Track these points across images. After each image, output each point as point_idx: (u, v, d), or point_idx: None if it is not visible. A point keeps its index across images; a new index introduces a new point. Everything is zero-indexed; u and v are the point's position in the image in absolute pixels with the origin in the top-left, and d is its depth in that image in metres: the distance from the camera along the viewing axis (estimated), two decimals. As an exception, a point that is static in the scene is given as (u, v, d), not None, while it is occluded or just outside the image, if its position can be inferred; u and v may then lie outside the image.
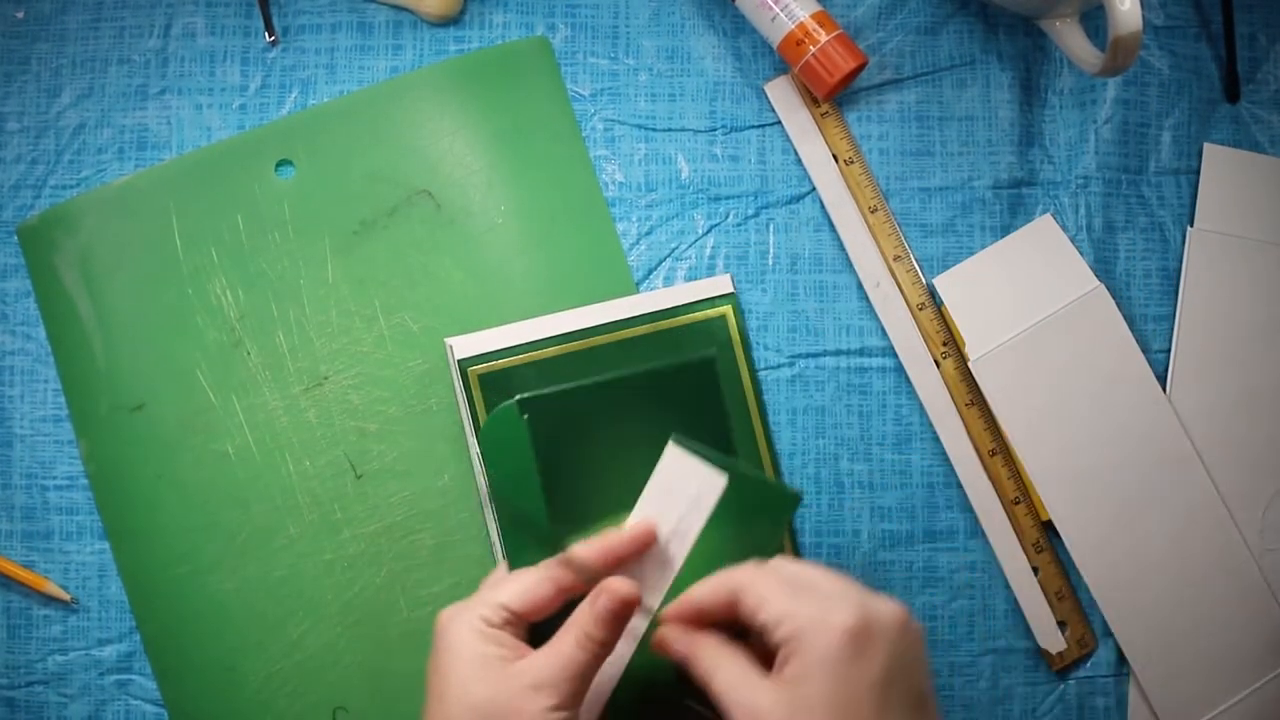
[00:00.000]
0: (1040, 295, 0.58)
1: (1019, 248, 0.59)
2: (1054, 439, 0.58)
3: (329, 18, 0.60)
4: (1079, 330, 0.58)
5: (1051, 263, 0.59)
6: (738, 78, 0.61)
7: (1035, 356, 0.58)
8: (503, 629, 0.45)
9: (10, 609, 0.57)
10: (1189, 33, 0.62)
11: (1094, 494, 0.58)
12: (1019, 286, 0.58)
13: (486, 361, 0.55)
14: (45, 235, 0.58)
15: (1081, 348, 0.58)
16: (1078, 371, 0.58)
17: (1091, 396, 0.58)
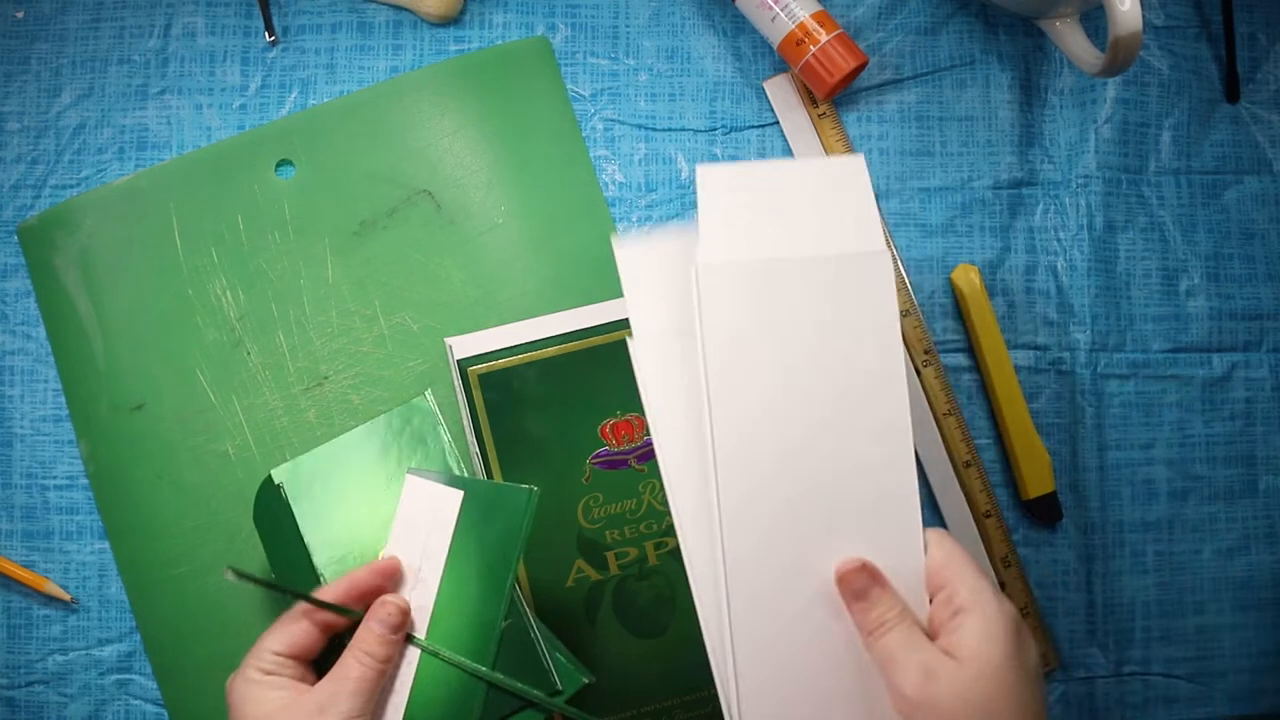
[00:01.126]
0: (815, 232, 0.48)
1: (818, 174, 0.49)
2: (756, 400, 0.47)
3: (329, 18, 0.60)
4: (841, 290, 0.47)
5: (845, 204, 0.48)
6: (738, 78, 0.61)
7: (775, 297, 0.47)
8: (279, 673, 0.47)
9: (10, 609, 0.57)
10: (1189, 33, 0.62)
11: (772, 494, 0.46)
12: (796, 212, 0.48)
13: (486, 361, 0.55)
14: (45, 235, 0.58)
15: (836, 311, 0.47)
16: (819, 337, 0.47)
17: (822, 372, 0.47)
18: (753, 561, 0.46)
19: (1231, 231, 0.62)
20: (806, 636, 0.46)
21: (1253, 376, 0.61)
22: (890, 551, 0.46)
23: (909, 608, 0.45)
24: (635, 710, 0.55)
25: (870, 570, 0.45)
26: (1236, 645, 0.60)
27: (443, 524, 0.51)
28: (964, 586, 0.44)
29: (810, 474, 0.46)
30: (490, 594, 0.51)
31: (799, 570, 0.46)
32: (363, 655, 0.48)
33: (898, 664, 0.43)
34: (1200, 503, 0.61)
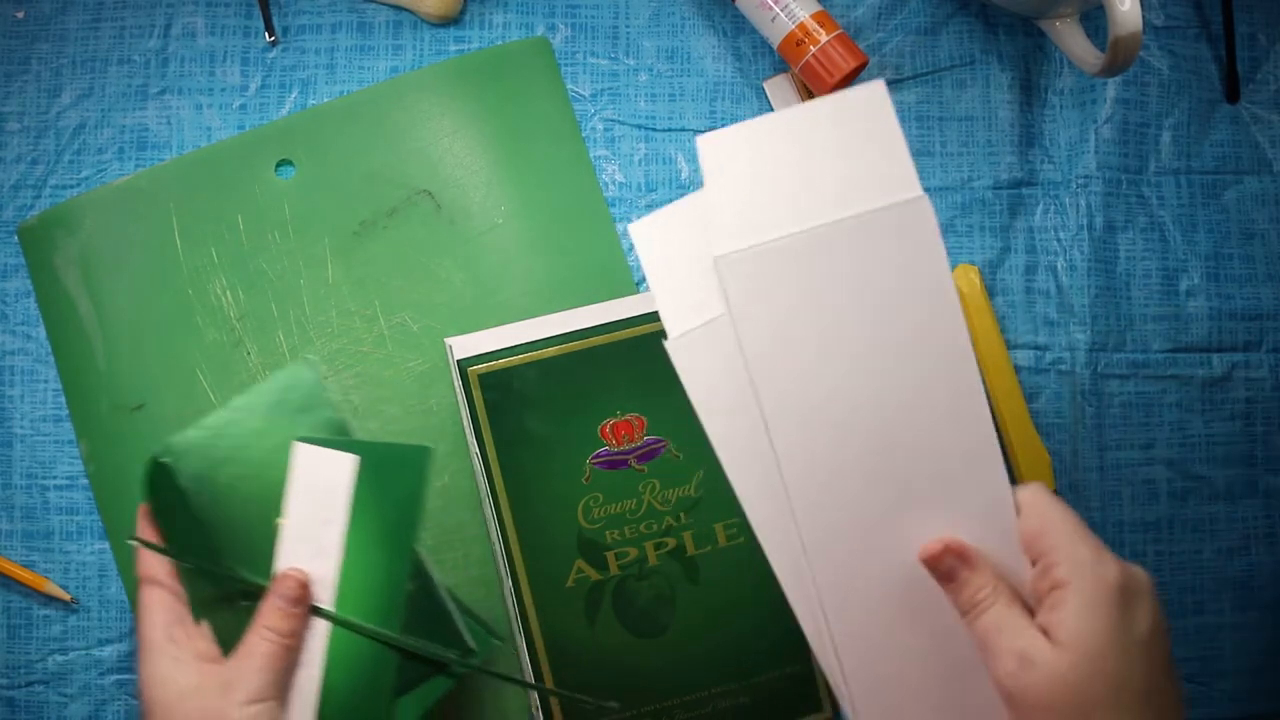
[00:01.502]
0: (838, 189, 0.42)
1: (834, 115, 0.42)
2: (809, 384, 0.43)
3: (329, 18, 0.60)
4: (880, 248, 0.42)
5: (870, 145, 0.42)
6: (738, 78, 0.61)
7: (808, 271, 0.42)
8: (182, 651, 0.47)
9: (10, 609, 0.57)
10: (1189, 33, 0.62)
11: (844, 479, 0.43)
12: (815, 166, 0.42)
13: (486, 361, 0.55)
14: (45, 235, 0.58)
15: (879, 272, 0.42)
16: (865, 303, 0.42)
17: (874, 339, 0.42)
18: (835, 546, 0.43)
19: (1231, 231, 0.62)
20: (905, 616, 0.43)
21: (1253, 376, 0.61)
22: (977, 518, 0.42)
23: (1004, 582, 0.42)
24: (635, 710, 0.55)
25: (955, 549, 0.42)
26: (1237, 645, 0.60)
27: (338, 490, 0.49)
28: (1061, 556, 0.41)
29: (882, 451, 0.43)
30: (395, 558, 0.49)
31: (887, 548, 0.43)
32: (265, 631, 0.47)
33: (993, 648, 0.41)
34: (1200, 503, 0.61)
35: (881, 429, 0.43)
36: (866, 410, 0.42)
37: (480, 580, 0.57)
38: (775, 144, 0.42)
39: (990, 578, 0.42)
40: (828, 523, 0.43)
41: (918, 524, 0.43)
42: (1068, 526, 0.42)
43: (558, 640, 0.55)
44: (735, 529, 0.56)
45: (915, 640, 0.44)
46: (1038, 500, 0.43)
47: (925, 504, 0.43)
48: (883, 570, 0.43)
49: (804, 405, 0.42)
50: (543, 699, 0.54)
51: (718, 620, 0.55)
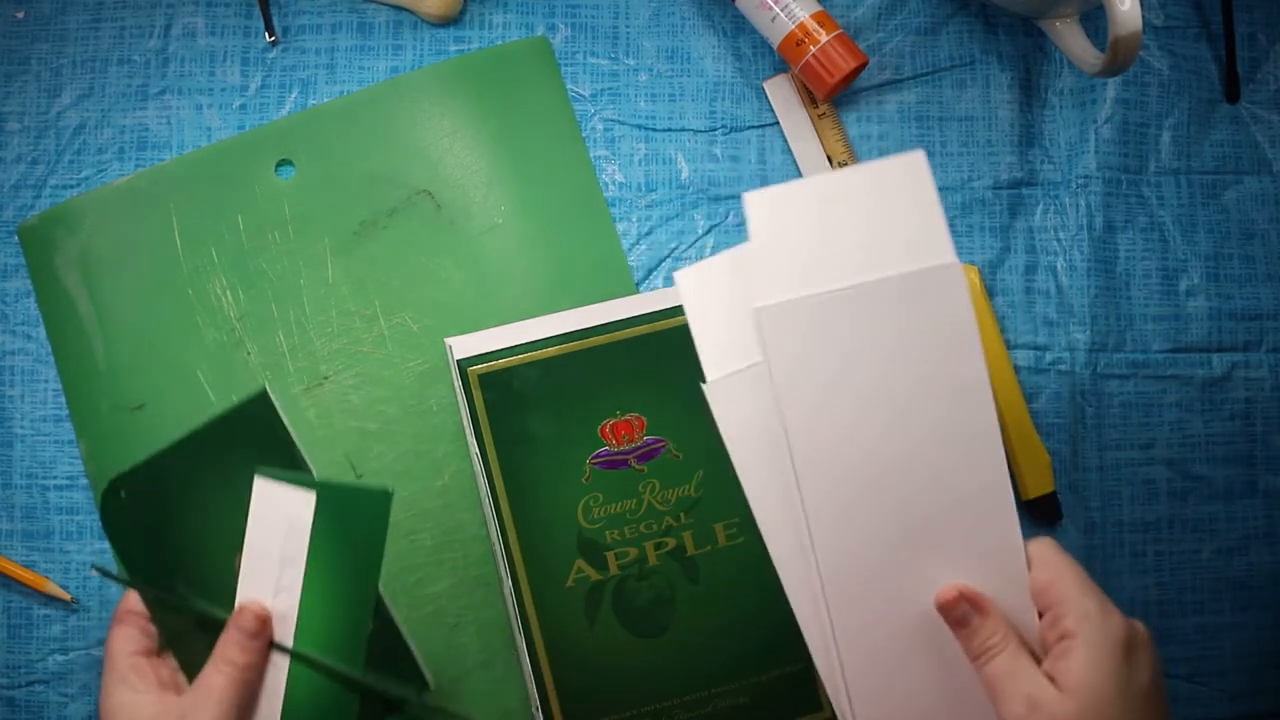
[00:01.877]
0: (875, 250, 0.45)
1: (875, 181, 0.45)
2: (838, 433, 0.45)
3: (329, 18, 0.60)
4: (913, 310, 0.44)
5: (907, 211, 0.45)
6: (738, 78, 0.61)
7: (843, 327, 0.44)
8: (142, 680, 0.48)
9: (11, 609, 0.57)
10: (1189, 33, 0.62)
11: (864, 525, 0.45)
12: (855, 229, 0.45)
13: (486, 361, 0.56)
14: (46, 235, 0.58)
15: (910, 332, 0.45)
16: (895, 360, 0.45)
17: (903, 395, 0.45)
18: (853, 589, 0.45)
19: (1231, 231, 0.62)
20: (916, 658, 0.46)
21: (1252, 376, 0.61)
22: (991, 569, 0.45)
23: (1014, 630, 0.44)
24: (635, 710, 0.55)
25: (969, 597, 0.44)
26: (1236, 645, 0.60)
27: (298, 527, 0.48)
28: (1069, 608, 0.43)
29: (902, 500, 0.45)
30: (356, 598, 0.49)
31: (902, 594, 0.45)
32: (223, 665, 0.47)
33: (1002, 692, 0.43)
34: (1200, 503, 0.61)
35: (904, 479, 0.45)
36: (890, 461, 0.45)
37: (480, 580, 0.57)
38: (818, 204, 0.45)
39: (1001, 625, 0.44)
40: (847, 566, 0.45)
41: (933, 571, 0.45)
42: (1076, 580, 0.44)
43: (558, 640, 0.55)
44: (735, 529, 0.56)
45: (925, 684, 0.46)
46: (1047, 553, 0.45)
47: (941, 553, 0.45)
48: (897, 614, 0.45)
49: (831, 452, 0.45)
50: (542, 699, 0.55)
51: (718, 620, 0.56)
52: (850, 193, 0.45)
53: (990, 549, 0.45)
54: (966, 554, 0.45)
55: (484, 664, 0.57)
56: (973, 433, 0.45)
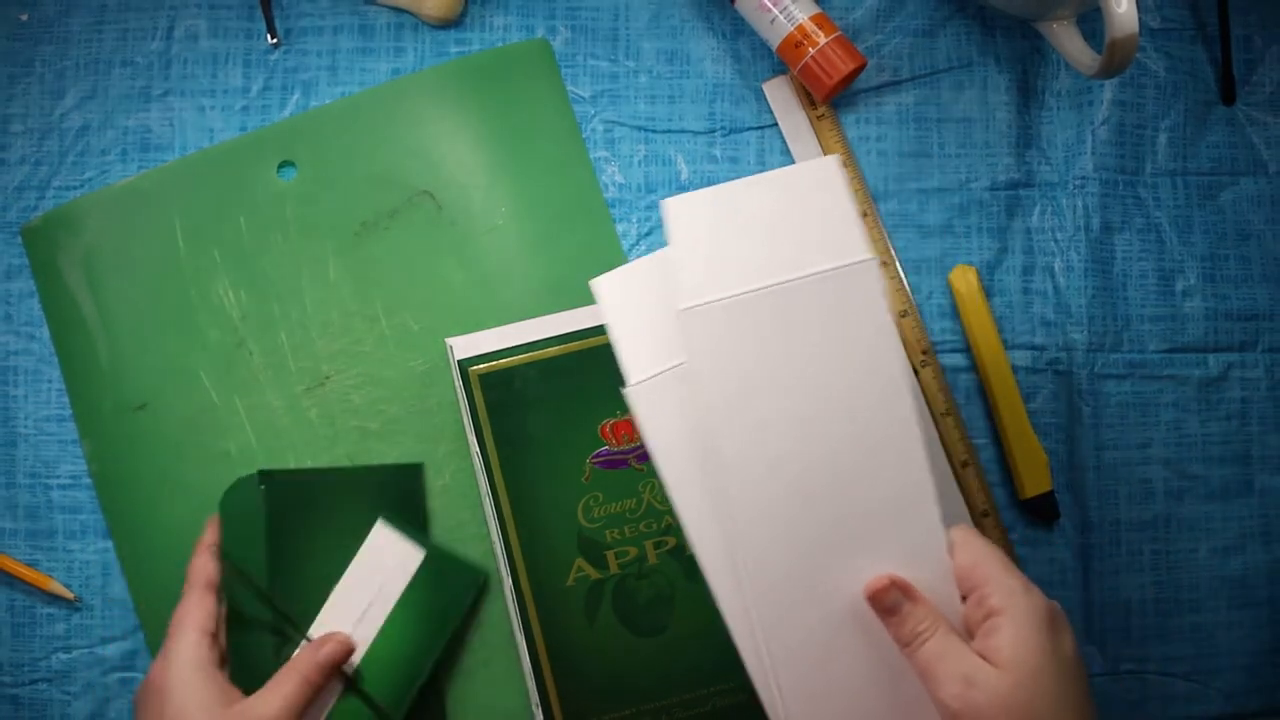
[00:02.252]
0: (793, 251, 0.46)
1: (790, 184, 0.46)
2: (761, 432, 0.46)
3: (331, 20, 0.61)
4: (831, 307, 0.46)
5: (823, 212, 0.46)
6: (737, 80, 0.61)
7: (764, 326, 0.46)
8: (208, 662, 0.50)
9: (14, 607, 0.57)
10: (1185, 35, 0.62)
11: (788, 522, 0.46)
12: (773, 230, 0.46)
13: (487, 361, 0.56)
14: (49, 236, 0.58)
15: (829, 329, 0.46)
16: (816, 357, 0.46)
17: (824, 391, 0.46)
18: (780, 589, 0.46)
19: (1227, 232, 0.62)
20: (846, 653, 0.46)
21: (1248, 376, 0.61)
22: (916, 559, 0.46)
23: (942, 615, 0.45)
24: (635, 709, 0.55)
25: (899, 584, 0.45)
26: (1232, 643, 0.61)
27: (399, 575, 0.55)
28: (995, 588, 0.44)
29: (826, 495, 0.46)
30: (423, 650, 0.55)
31: (829, 591, 0.46)
32: (300, 678, 0.50)
33: (936, 675, 0.43)
34: (1196, 502, 0.61)
35: (827, 475, 0.46)
36: (813, 457, 0.46)
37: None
38: (737, 208, 0.46)
39: (930, 610, 0.45)
40: (772, 564, 0.46)
41: (858, 565, 0.46)
42: (997, 561, 0.45)
43: (558, 639, 0.55)
44: (734, 528, 0.56)
45: (856, 677, 0.46)
46: (968, 539, 0.46)
47: (866, 545, 0.46)
48: (824, 610, 0.46)
49: (755, 450, 0.46)
50: (542, 697, 0.55)
51: (716, 619, 0.55)
52: (768, 196, 0.46)
53: (914, 538, 0.46)
54: (891, 545, 0.46)
55: (484, 662, 0.57)
56: (893, 426, 0.46)
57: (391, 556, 0.55)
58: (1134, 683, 0.60)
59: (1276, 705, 0.61)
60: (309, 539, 0.55)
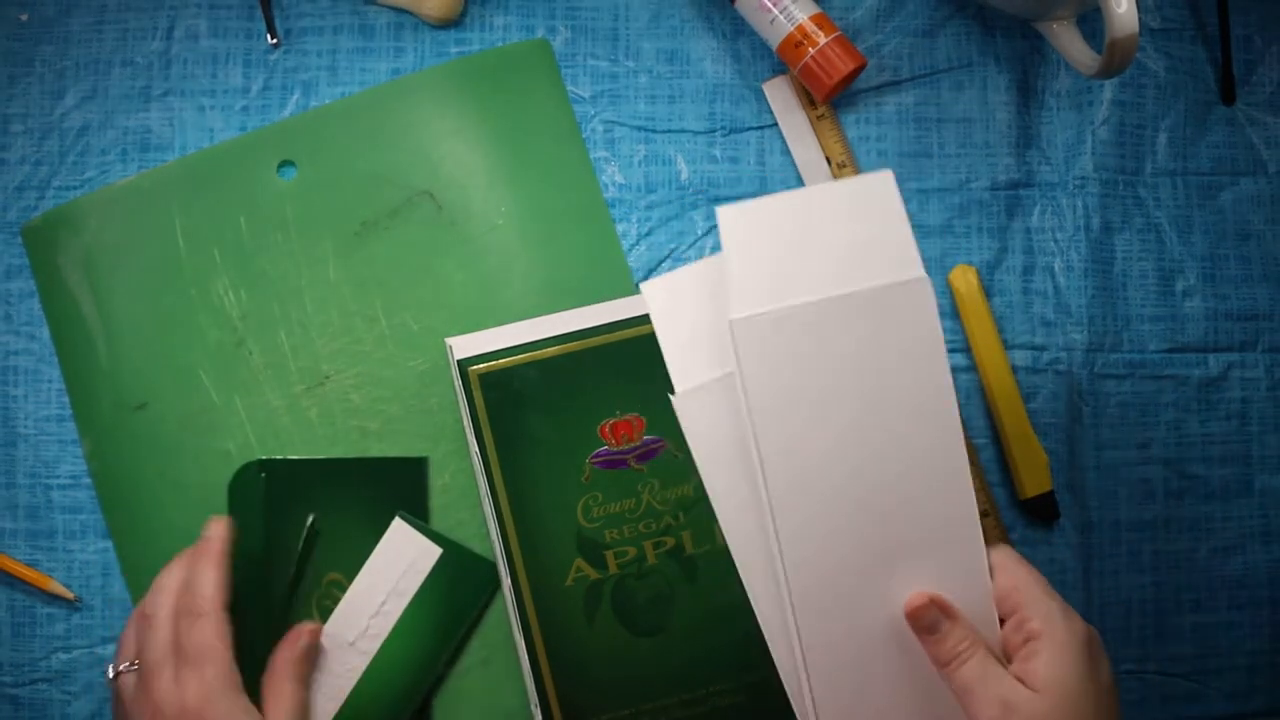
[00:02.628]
0: (846, 265, 0.46)
1: (846, 198, 0.47)
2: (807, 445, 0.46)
3: (331, 20, 0.61)
4: (882, 323, 0.46)
5: (877, 228, 0.46)
6: (737, 79, 0.61)
7: (815, 340, 0.46)
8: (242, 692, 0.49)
9: (14, 607, 0.57)
10: (1185, 35, 0.62)
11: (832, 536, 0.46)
12: (827, 244, 0.46)
13: (486, 361, 0.56)
14: (49, 236, 0.58)
15: (879, 345, 0.46)
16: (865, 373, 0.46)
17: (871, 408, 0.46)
18: (820, 601, 0.46)
19: (1227, 232, 0.62)
20: (883, 670, 0.46)
21: (1248, 376, 0.61)
22: (956, 578, 0.46)
23: (981, 636, 0.45)
24: (634, 709, 0.55)
25: (939, 603, 0.45)
26: (1232, 643, 0.61)
27: (416, 570, 0.56)
28: (1035, 612, 0.44)
29: (869, 510, 0.46)
30: (437, 646, 0.56)
31: (868, 606, 0.46)
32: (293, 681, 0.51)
33: (975, 696, 0.43)
34: (1196, 502, 0.61)
35: (872, 491, 0.46)
36: (860, 472, 0.46)
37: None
38: (791, 219, 0.46)
39: (969, 630, 0.45)
40: (814, 577, 0.46)
41: (899, 582, 0.46)
42: (1038, 584, 0.45)
43: (557, 639, 0.55)
44: (734, 528, 0.56)
45: (891, 695, 0.46)
46: (1008, 561, 0.46)
47: (907, 563, 0.46)
48: (863, 626, 0.46)
49: (800, 463, 0.45)
50: (541, 697, 0.55)
51: (716, 619, 0.56)
52: (822, 209, 0.46)
53: (955, 558, 0.46)
54: (932, 564, 0.46)
55: (483, 662, 0.57)
56: (939, 445, 0.46)
57: (408, 552, 0.56)
58: (1134, 683, 0.60)
59: (1276, 705, 0.61)
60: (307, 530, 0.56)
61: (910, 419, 0.46)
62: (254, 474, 0.56)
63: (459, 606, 0.56)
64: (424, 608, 0.56)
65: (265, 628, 0.54)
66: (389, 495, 0.57)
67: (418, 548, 0.56)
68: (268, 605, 0.55)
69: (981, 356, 0.60)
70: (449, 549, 0.56)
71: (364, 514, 0.56)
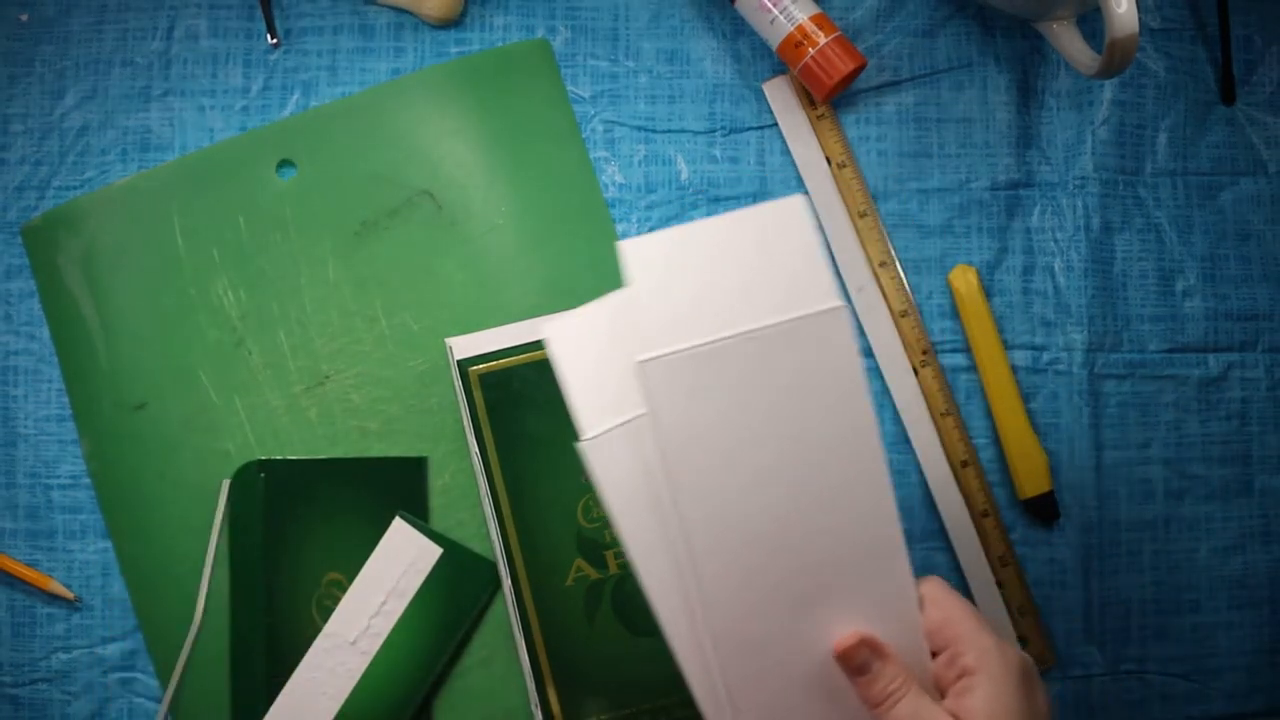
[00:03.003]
0: (759, 297, 0.43)
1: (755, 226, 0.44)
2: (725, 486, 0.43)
3: (331, 20, 0.61)
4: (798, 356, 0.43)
5: (790, 256, 0.43)
6: (737, 80, 0.61)
7: (728, 377, 0.43)
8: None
9: (14, 607, 0.57)
10: (1185, 35, 0.62)
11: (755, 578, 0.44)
12: (738, 275, 0.43)
13: (486, 361, 0.56)
14: (49, 235, 0.58)
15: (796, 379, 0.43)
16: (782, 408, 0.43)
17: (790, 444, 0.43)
18: (745, 649, 0.44)
19: (1227, 232, 0.62)
20: (814, 712, 0.44)
21: (1248, 376, 0.61)
22: (886, 615, 0.44)
23: (913, 674, 0.44)
24: (634, 708, 0.55)
25: (869, 643, 0.44)
26: (1232, 643, 0.61)
27: (417, 570, 0.56)
28: (968, 646, 0.43)
29: (792, 550, 0.44)
30: (437, 646, 0.56)
31: (796, 647, 0.44)
32: None
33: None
34: (1196, 502, 0.61)
35: (795, 530, 0.44)
36: (781, 512, 0.43)
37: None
38: (698, 250, 0.43)
39: (901, 669, 0.44)
40: (738, 622, 0.44)
41: (827, 622, 0.44)
42: (970, 617, 0.44)
43: (557, 638, 0.55)
44: (734, 528, 0.56)
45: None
46: (939, 594, 0.45)
47: (835, 602, 0.44)
48: (791, 669, 0.44)
49: (720, 506, 0.43)
50: (541, 696, 0.55)
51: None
52: (731, 238, 0.43)
53: (884, 594, 0.44)
54: (860, 601, 0.44)
55: (483, 662, 0.57)
56: (862, 479, 0.44)
57: (408, 551, 0.56)
58: (1134, 683, 0.60)
59: (1276, 705, 0.61)
60: (308, 528, 0.55)
61: (832, 454, 0.43)
62: (253, 474, 0.56)
63: (459, 606, 0.56)
64: (424, 607, 0.56)
65: (264, 628, 0.54)
66: (389, 495, 0.56)
67: (418, 547, 0.56)
68: (267, 605, 0.55)
69: (981, 356, 0.60)
70: (449, 549, 0.56)
71: (364, 514, 0.56)
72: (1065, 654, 0.60)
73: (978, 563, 0.59)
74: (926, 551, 0.59)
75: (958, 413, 0.59)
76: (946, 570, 0.59)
